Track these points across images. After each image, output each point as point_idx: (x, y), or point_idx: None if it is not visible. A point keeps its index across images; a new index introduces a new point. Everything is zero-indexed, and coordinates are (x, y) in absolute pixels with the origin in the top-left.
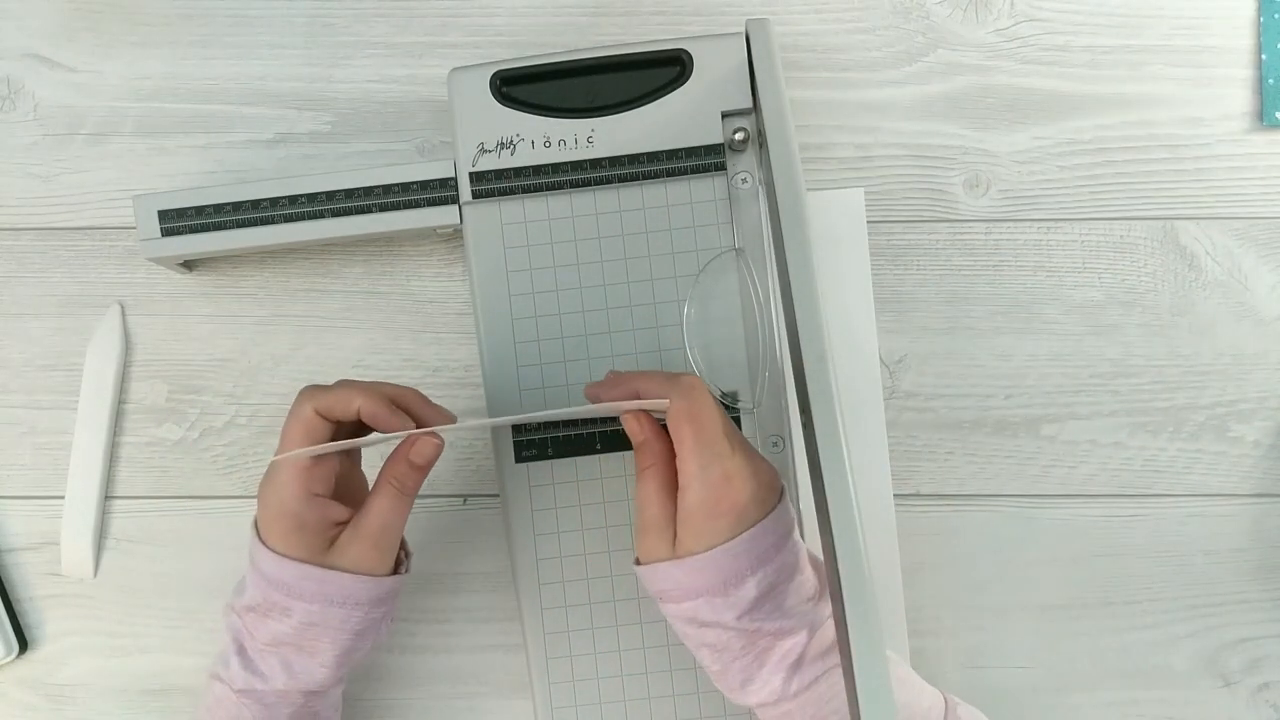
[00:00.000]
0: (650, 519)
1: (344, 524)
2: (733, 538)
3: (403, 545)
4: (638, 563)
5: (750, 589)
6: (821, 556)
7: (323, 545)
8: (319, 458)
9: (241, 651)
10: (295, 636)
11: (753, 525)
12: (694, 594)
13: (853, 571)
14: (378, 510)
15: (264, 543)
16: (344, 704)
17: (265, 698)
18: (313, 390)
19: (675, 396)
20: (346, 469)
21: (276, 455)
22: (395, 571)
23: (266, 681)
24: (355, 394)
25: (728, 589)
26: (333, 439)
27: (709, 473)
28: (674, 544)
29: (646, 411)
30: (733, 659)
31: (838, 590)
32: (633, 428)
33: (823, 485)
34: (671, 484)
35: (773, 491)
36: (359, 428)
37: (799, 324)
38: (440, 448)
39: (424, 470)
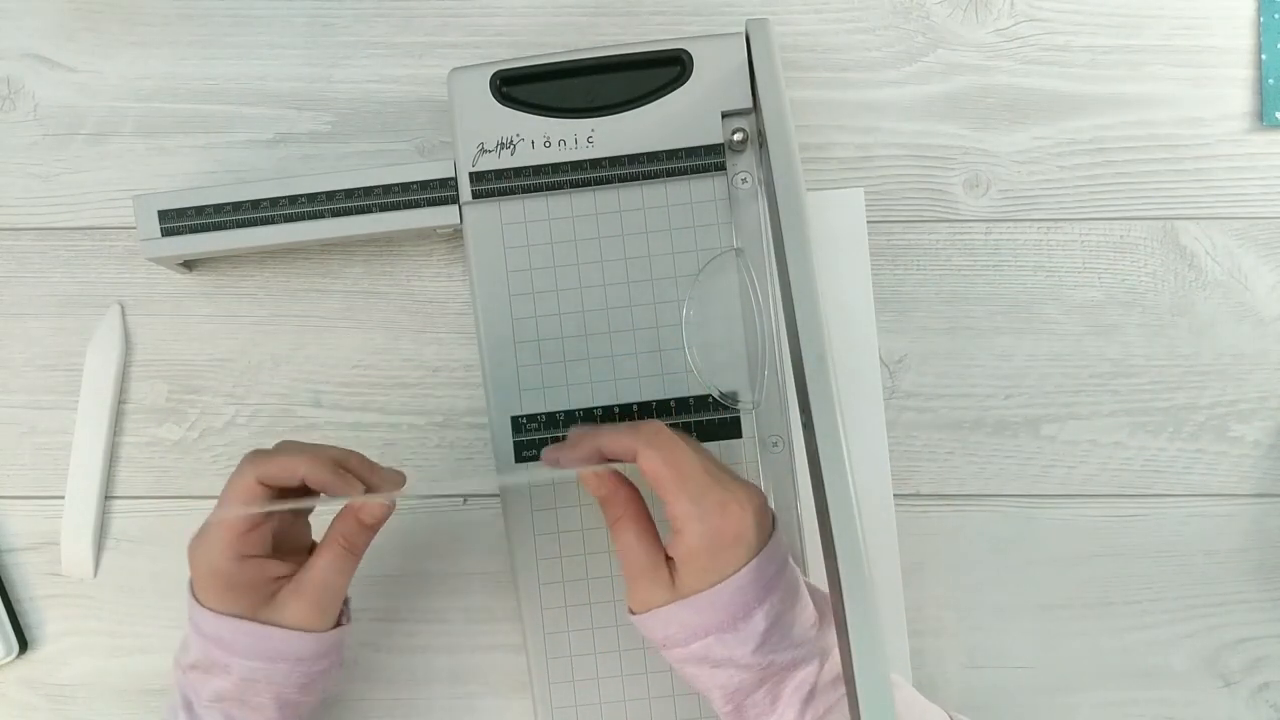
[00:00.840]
0: (638, 567)
1: (285, 578)
2: (739, 569)
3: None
4: (632, 612)
5: (760, 621)
6: (823, 575)
7: (260, 600)
8: (255, 523)
9: (189, 707)
10: (238, 692)
11: (757, 554)
12: (702, 633)
13: (853, 571)
14: (321, 568)
15: (199, 601)
16: (345, 704)
17: None
18: (256, 456)
19: (641, 446)
20: (288, 524)
21: (212, 516)
22: (337, 624)
23: None
24: (299, 461)
25: (737, 623)
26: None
27: (703, 507)
28: (671, 586)
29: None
30: (745, 697)
31: (838, 591)
32: (593, 485)
33: (823, 485)
34: (648, 527)
35: (767, 515)
36: (305, 489)
37: (799, 324)
38: (390, 510)
39: (373, 530)
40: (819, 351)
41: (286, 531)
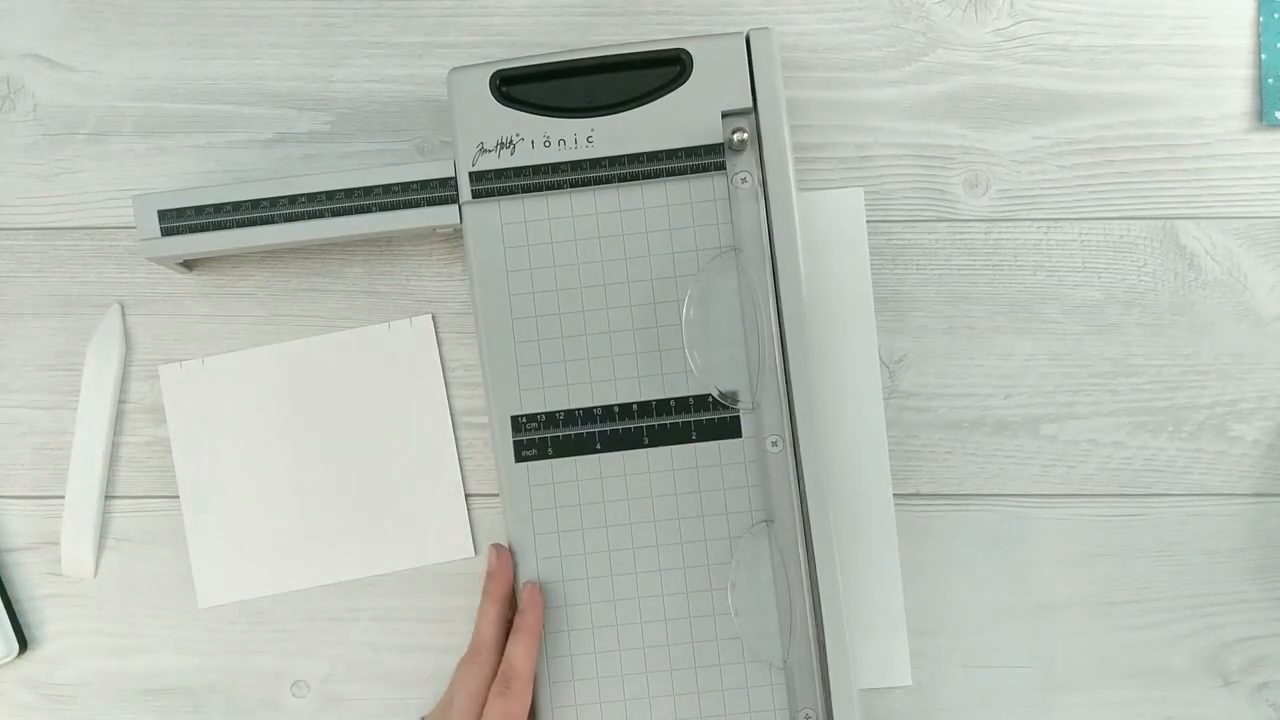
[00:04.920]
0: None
1: None
2: None
3: None
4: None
5: None
6: (824, 573)
7: None
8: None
9: None
10: None
11: None
12: None
13: (828, 573)
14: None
15: None
16: (345, 703)
17: None
18: (488, 586)
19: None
20: None
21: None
22: None
23: None
24: (507, 572)
25: None
26: None
27: None
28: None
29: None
30: None
31: (818, 597)
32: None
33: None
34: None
35: None
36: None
37: (784, 324)
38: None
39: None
40: (803, 350)
41: None
